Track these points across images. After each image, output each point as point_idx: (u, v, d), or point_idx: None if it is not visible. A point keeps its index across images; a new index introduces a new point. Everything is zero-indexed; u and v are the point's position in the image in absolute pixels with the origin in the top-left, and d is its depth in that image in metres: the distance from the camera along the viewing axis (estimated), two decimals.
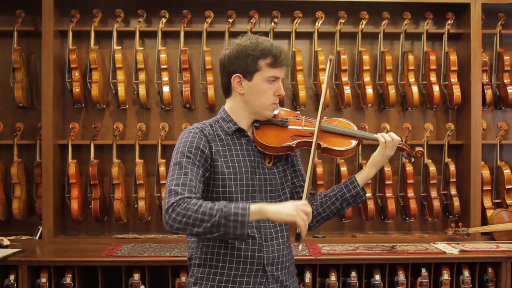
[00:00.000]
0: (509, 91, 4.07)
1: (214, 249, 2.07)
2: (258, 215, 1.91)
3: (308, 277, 3.47)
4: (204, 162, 2.03)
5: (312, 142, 2.09)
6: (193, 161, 2.00)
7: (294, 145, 2.13)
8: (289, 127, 2.17)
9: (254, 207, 1.89)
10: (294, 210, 1.90)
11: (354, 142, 2.18)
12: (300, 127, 2.17)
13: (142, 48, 4.01)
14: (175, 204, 1.90)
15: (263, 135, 2.13)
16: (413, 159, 2.31)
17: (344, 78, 3.99)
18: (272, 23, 4.03)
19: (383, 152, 2.19)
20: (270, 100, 2.11)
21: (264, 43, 2.08)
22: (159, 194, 3.97)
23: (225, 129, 2.12)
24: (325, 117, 2.24)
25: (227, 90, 2.16)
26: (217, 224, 1.87)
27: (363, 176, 2.22)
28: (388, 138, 2.18)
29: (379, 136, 2.20)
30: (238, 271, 2.06)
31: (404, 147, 2.25)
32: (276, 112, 2.18)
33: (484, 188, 4.04)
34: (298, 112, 2.29)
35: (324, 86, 2.19)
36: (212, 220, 1.87)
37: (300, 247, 1.97)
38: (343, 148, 2.17)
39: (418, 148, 2.30)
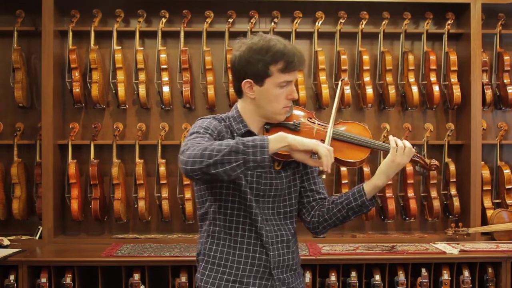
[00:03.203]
0: (509, 91, 4.07)
1: (218, 247, 2.04)
2: (278, 142, 1.84)
3: (308, 277, 3.47)
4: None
5: None
6: (210, 136, 1.95)
7: None
8: (301, 131, 2.09)
9: (272, 135, 1.85)
10: (316, 143, 1.87)
11: (366, 152, 2.10)
12: (312, 133, 2.09)
13: (142, 48, 4.01)
14: (185, 149, 1.85)
15: None
16: (426, 173, 2.18)
17: (344, 78, 3.99)
18: (272, 23, 4.03)
19: (393, 159, 2.05)
20: (282, 104, 2.04)
21: (276, 46, 1.98)
22: (159, 194, 3.98)
23: (235, 129, 2.06)
24: (339, 120, 2.18)
25: (238, 92, 2.10)
26: (235, 150, 1.78)
27: (370, 186, 2.09)
28: (400, 144, 2.05)
29: (391, 139, 2.08)
30: (245, 272, 2.03)
31: (418, 159, 2.13)
32: (289, 114, 2.10)
33: (484, 188, 4.04)
34: (313, 112, 2.20)
35: (334, 108, 2.11)
36: (230, 145, 1.79)
37: (323, 176, 1.95)
38: (354, 160, 2.09)
39: (433, 161, 2.17)
